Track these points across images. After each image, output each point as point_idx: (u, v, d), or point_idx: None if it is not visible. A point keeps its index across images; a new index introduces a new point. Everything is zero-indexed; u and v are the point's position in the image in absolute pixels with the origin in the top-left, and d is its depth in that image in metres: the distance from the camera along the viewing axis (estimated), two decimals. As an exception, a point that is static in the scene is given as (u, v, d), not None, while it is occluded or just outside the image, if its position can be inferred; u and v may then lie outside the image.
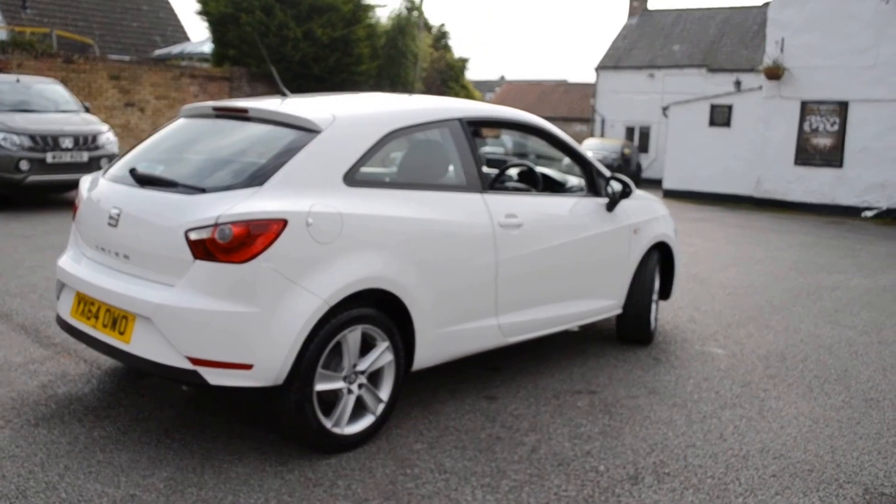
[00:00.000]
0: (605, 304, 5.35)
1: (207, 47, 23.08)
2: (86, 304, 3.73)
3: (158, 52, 25.56)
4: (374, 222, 3.69)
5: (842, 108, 18.10)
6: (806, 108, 18.60)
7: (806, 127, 18.67)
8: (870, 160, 17.88)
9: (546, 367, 5.15)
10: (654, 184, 31.40)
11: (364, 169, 3.79)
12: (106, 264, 3.71)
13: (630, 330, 5.68)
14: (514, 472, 3.63)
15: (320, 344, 3.46)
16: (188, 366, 3.30)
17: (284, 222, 3.30)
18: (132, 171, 3.71)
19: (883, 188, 17.77)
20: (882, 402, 4.96)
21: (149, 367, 3.43)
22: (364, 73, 20.54)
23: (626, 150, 30.27)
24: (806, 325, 6.90)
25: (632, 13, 37.66)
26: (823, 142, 18.49)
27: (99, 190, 3.93)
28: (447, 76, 24.99)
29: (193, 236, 3.29)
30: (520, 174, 5.57)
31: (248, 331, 3.29)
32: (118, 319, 3.52)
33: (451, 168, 4.31)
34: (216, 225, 3.25)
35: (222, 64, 19.31)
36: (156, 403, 4.13)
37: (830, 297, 8.24)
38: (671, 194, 21.21)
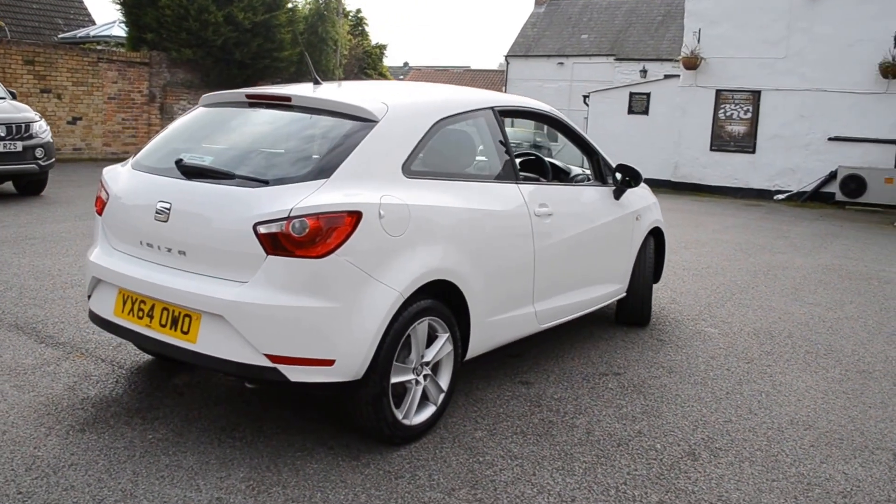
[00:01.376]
0: (614, 288, 5.49)
1: (116, 30, 22.00)
2: (134, 302, 3.52)
3: (63, 35, 24.14)
4: (435, 213, 3.65)
5: (755, 96, 19.03)
6: (721, 97, 19.45)
7: (721, 114, 19.53)
8: (780, 146, 18.88)
9: (564, 352, 5.22)
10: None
11: (416, 159, 3.73)
12: (156, 261, 3.49)
13: (631, 312, 5.84)
14: (581, 455, 3.68)
15: (395, 337, 3.41)
16: (266, 363, 3.18)
17: (359, 215, 3.22)
18: (179, 163, 3.50)
19: (793, 172, 18.81)
20: (874, 374, 5.28)
21: (220, 366, 3.28)
22: (286, 60, 20.06)
23: (538, 138, 30.86)
24: (775, 303, 7.25)
25: (539, 2, 38.29)
26: (737, 129, 19.40)
27: (135, 182, 3.70)
28: (365, 63, 24.71)
29: (262, 230, 3.15)
30: (525, 163, 5.62)
31: (329, 326, 3.20)
32: (180, 318, 3.35)
33: (490, 158, 4.31)
34: (289, 218, 3.13)
35: (139, 48, 18.43)
36: (200, 402, 3.95)
37: (784, 276, 8.68)
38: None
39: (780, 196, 18.86)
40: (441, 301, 3.68)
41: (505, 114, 4.53)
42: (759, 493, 3.45)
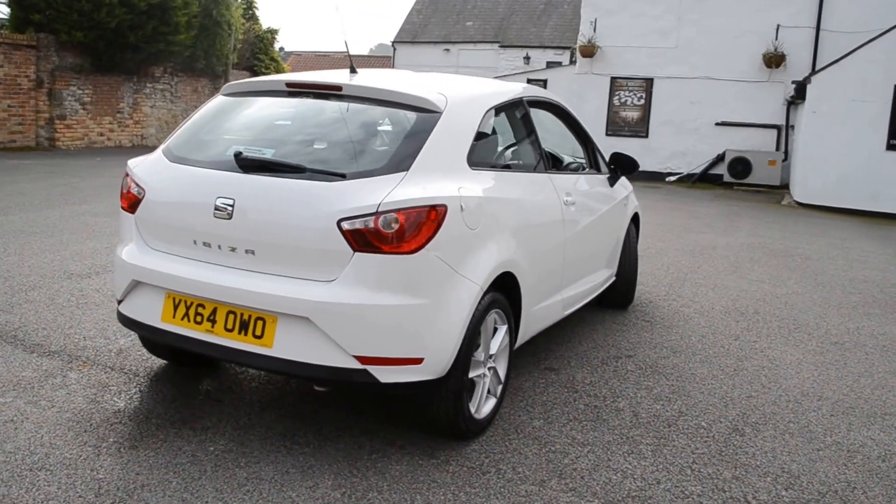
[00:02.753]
0: (609, 272, 5.61)
1: (-4, 10, 20.16)
2: (189, 306, 3.26)
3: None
4: (499, 205, 3.62)
5: (648, 83, 19.85)
6: (615, 84, 20.16)
7: (615, 101, 20.26)
8: (671, 131, 19.80)
9: (568, 337, 5.28)
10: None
11: (474, 151, 3.66)
12: (217, 262, 3.23)
13: (618, 295, 5.98)
14: (641, 437, 3.75)
15: (473, 331, 3.34)
16: (356, 365, 3.03)
17: (445, 208, 3.12)
18: (238, 156, 3.26)
19: (683, 155, 19.79)
20: (845, 345, 5.67)
21: (300, 371, 3.09)
22: (181, 44, 19.06)
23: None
24: (724, 281, 7.63)
25: (422, -12, 38.30)
26: (631, 114, 20.19)
27: (181, 177, 3.40)
28: (257, 48, 23.90)
29: (348, 226, 2.99)
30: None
31: (419, 324, 3.09)
32: (251, 322, 3.12)
33: (527, 148, 4.29)
34: (377, 213, 2.98)
35: (25, 30, 16.94)
36: (244, 408, 3.72)
37: (717, 255, 9.14)
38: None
39: (672, 178, 19.79)
40: (501, 293, 3.64)
41: (531, 104, 4.51)
42: (813, 462, 3.63)
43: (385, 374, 3.07)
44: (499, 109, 3.96)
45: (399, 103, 3.49)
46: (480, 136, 3.68)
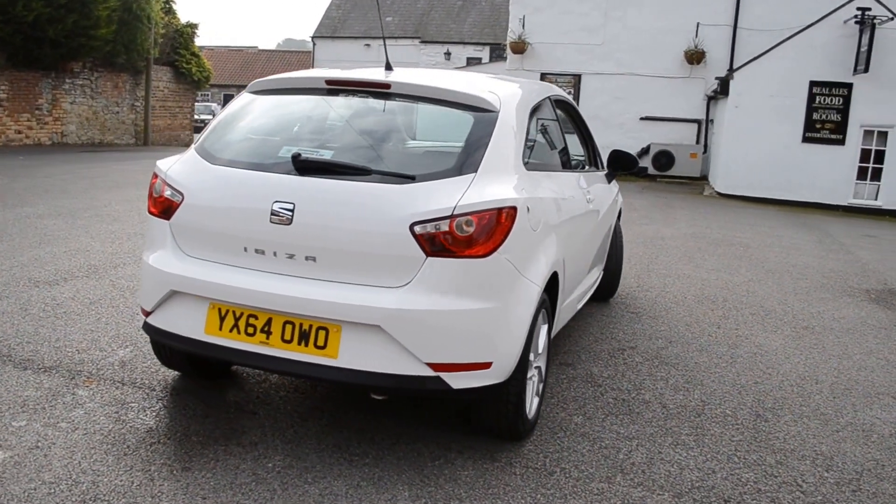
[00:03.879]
0: (601, 267, 5.69)
1: None
2: (238, 317, 3.09)
3: None
4: (550, 206, 3.63)
5: (576, 79, 20.26)
6: (545, 80, 20.43)
7: (543, 97, 20.56)
8: (599, 125, 20.19)
9: (569, 332, 5.32)
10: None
11: (525, 151, 3.63)
12: (272, 270, 3.07)
13: (606, 287, 6.07)
14: (679, 428, 3.83)
15: (532, 332, 3.32)
16: (429, 373, 2.96)
17: (515, 210, 3.09)
18: (296, 158, 3.12)
19: (610, 149, 20.24)
20: (816, 329, 5.95)
21: (369, 381, 2.97)
22: (101, 39, 18.14)
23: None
24: (684, 271, 7.87)
25: (340, -17, 37.87)
26: (559, 110, 20.54)
27: (229, 180, 3.20)
28: (177, 43, 23.04)
29: (421, 230, 2.91)
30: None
31: (489, 328, 3.04)
32: (311, 332, 2.99)
33: (559, 147, 4.30)
34: (452, 217, 2.91)
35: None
36: (284, 420, 3.58)
37: (667, 245, 9.42)
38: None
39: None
40: (545, 293, 3.64)
41: (554, 102, 4.52)
42: (838, 444, 3.79)
43: (457, 381, 3.01)
44: (535, 109, 3.95)
45: (453, 102, 3.42)
46: (528, 136, 3.66)
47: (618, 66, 19.79)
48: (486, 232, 2.96)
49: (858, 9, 15.45)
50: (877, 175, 16.17)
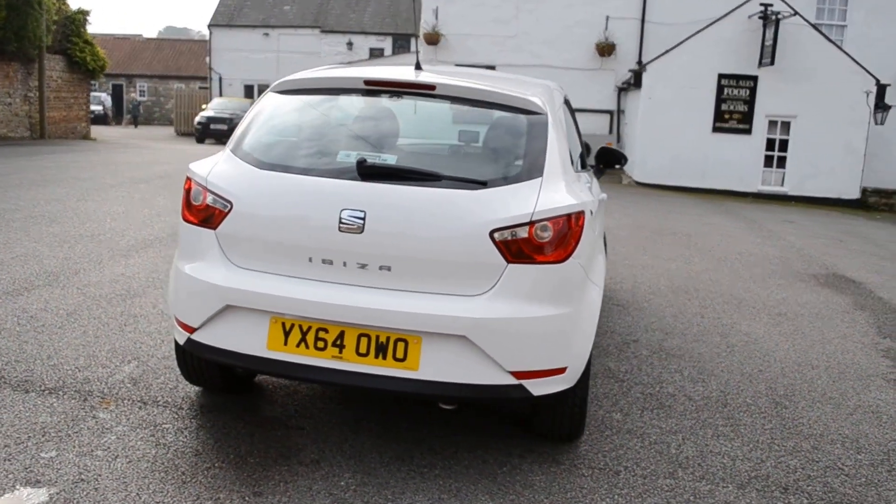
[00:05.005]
0: (604, 256, 5.75)
1: None
2: (305, 331, 2.91)
3: None
4: (598, 208, 3.62)
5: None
6: (459, 72, 20.50)
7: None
8: (515, 117, 20.51)
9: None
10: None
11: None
12: (341, 280, 2.91)
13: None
14: (713, 419, 3.92)
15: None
16: (512, 381, 2.89)
17: (584, 214, 3.06)
18: (362, 163, 2.97)
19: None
20: (788, 315, 6.24)
21: (451, 392, 2.87)
22: (-9, 26, 16.87)
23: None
24: (644, 261, 8.09)
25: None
26: (475, 102, 20.66)
27: (289, 187, 3.01)
28: (69, 30, 21.67)
29: (500, 237, 2.84)
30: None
31: (566, 333, 3.00)
32: (389, 344, 2.86)
33: (576, 147, 4.28)
34: (531, 223, 2.86)
35: None
36: (335, 433, 3.42)
37: (618, 237, 9.64)
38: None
39: (517, 163, 20.53)
40: None
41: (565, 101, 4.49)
42: (857, 426, 3.99)
43: (537, 387, 2.96)
44: (563, 109, 3.93)
45: (499, 104, 3.34)
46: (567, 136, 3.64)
47: (531, 57, 20.03)
48: (561, 237, 2.93)
49: (762, 4, 16.26)
50: (782, 163, 17.11)
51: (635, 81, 17.91)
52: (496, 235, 2.85)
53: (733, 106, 17.05)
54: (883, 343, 5.59)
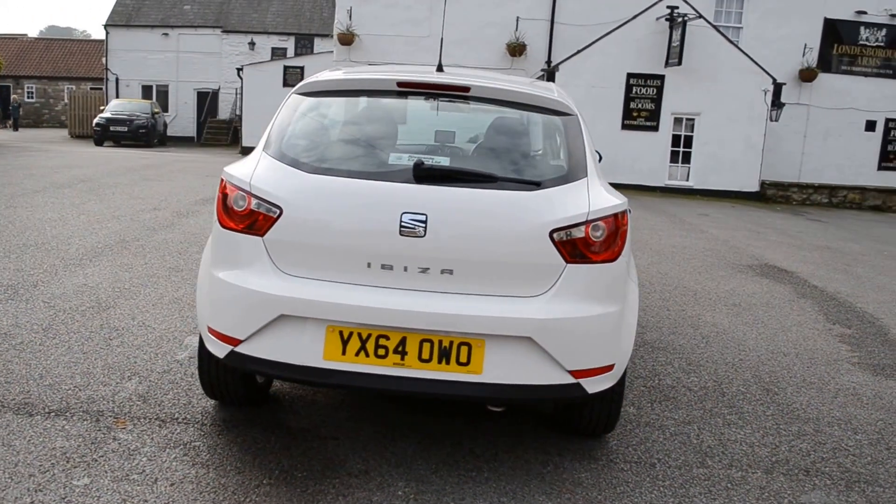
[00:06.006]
0: None
1: None
2: (364, 339, 2.85)
3: None
4: None
5: (404, 70, 20.36)
6: (373, 71, 20.40)
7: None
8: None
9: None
10: (179, 140, 30.69)
11: None
12: (401, 286, 2.87)
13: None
14: (717, 409, 4.09)
15: None
16: (570, 380, 2.93)
17: (627, 213, 3.15)
18: (419, 166, 2.92)
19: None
20: (743, 305, 6.57)
21: (513, 394, 2.89)
22: None
23: (156, 110, 28.92)
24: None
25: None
26: (389, 101, 20.62)
27: (346, 192, 2.93)
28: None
29: (559, 237, 2.89)
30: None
31: (615, 330, 3.06)
32: (452, 349, 2.84)
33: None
34: (587, 222, 2.91)
35: None
36: (372, 443, 3.36)
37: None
38: (251, 151, 21.17)
39: (433, 162, 20.63)
40: None
41: None
42: (844, 408, 4.26)
43: (592, 385, 3.01)
44: None
45: (533, 106, 3.38)
46: None
47: (443, 58, 20.08)
48: (612, 236, 3.00)
49: (668, 7, 16.97)
50: (687, 158, 17.92)
51: (549, 80, 18.31)
52: (555, 236, 2.89)
53: (641, 104, 17.72)
54: (834, 329, 5.98)
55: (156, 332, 4.66)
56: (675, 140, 17.91)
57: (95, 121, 26.60)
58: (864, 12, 18.95)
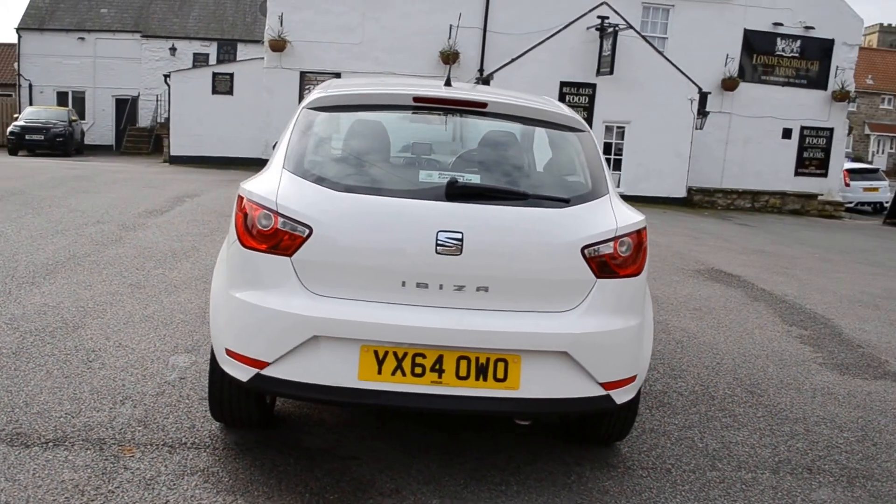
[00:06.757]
0: None
1: None
2: (400, 358, 2.81)
3: None
4: None
5: (336, 78, 20.20)
6: (305, 78, 20.16)
7: (306, 94, 20.22)
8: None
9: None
10: (98, 149, 29.59)
11: None
12: (436, 304, 2.85)
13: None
14: (712, 413, 4.22)
15: None
16: (601, 392, 2.98)
17: (646, 228, 3.22)
18: (453, 184, 2.90)
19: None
20: (703, 310, 6.79)
21: (549, 408, 2.94)
22: None
23: (73, 118, 27.81)
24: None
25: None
26: (322, 109, 20.41)
27: (379, 210, 2.88)
28: None
29: (590, 253, 2.94)
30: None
31: (638, 343, 3.13)
32: (489, 365, 2.84)
33: None
34: (615, 238, 2.97)
35: None
36: (398, 460, 3.32)
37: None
38: (179, 160, 20.62)
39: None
40: None
41: None
42: (825, 407, 4.45)
43: (619, 396, 3.06)
44: None
45: (548, 122, 3.41)
46: None
47: (376, 65, 20.08)
48: (636, 251, 3.07)
49: (599, 17, 17.40)
50: (618, 165, 18.38)
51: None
52: (586, 252, 2.94)
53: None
54: (793, 331, 6.24)
55: (135, 352, 4.48)
56: (607, 148, 18.33)
57: (10, 129, 25.37)
58: (781, 24, 19.88)
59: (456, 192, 2.91)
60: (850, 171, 22.55)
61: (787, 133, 20.37)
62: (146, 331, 4.88)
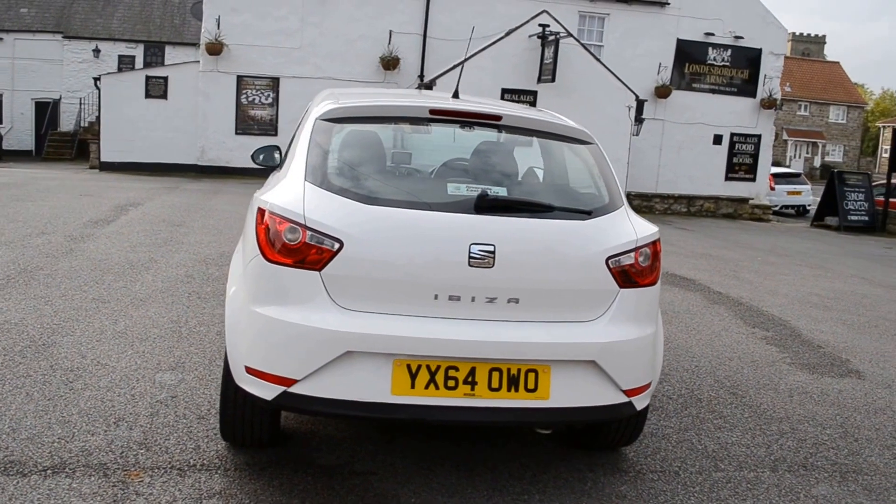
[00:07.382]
0: None
1: None
2: (433, 371, 2.79)
3: None
4: None
5: (275, 83, 19.93)
6: (242, 83, 19.82)
7: (244, 99, 19.93)
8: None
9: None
10: (16, 154, 28.41)
11: None
12: (468, 316, 2.84)
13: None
14: (703, 416, 4.33)
15: None
16: (624, 399, 3.03)
17: (659, 239, 3.30)
18: (484, 197, 2.91)
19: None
20: (669, 313, 6.95)
21: (577, 416, 3.00)
22: None
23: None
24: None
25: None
26: (261, 113, 20.09)
27: (411, 223, 2.85)
28: None
29: (613, 263, 3.00)
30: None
31: (654, 350, 3.21)
32: (521, 376, 2.85)
33: None
34: (636, 249, 3.04)
35: None
36: (418, 473, 3.28)
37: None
38: (110, 166, 19.90)
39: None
40: None
41: None
42: (804, 406, 4.63)
43: (639, 403, 3.12)
44: None
45: (559, 135, 3.45)
46: None
47: (315, 70, 19.89)
48: (653, 261, 3.14)
49: (540, 25, 17.64)
50: (559, 171, 18.63)
51: (426, 95, 18.49)
52: (610, 262, 2.99)
53: (516, 119, 18.25)
54: (757, 333, 6.46)
55: (117, 371, 4.31)
56: (548, 153, 18.57)
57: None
58: (712, 34, 20.57)
59: (486, 205, 2.92)
60: (775, 176, 23.47)
61: (717, 139, 21.07)
62: (122, 347, 4.71)
